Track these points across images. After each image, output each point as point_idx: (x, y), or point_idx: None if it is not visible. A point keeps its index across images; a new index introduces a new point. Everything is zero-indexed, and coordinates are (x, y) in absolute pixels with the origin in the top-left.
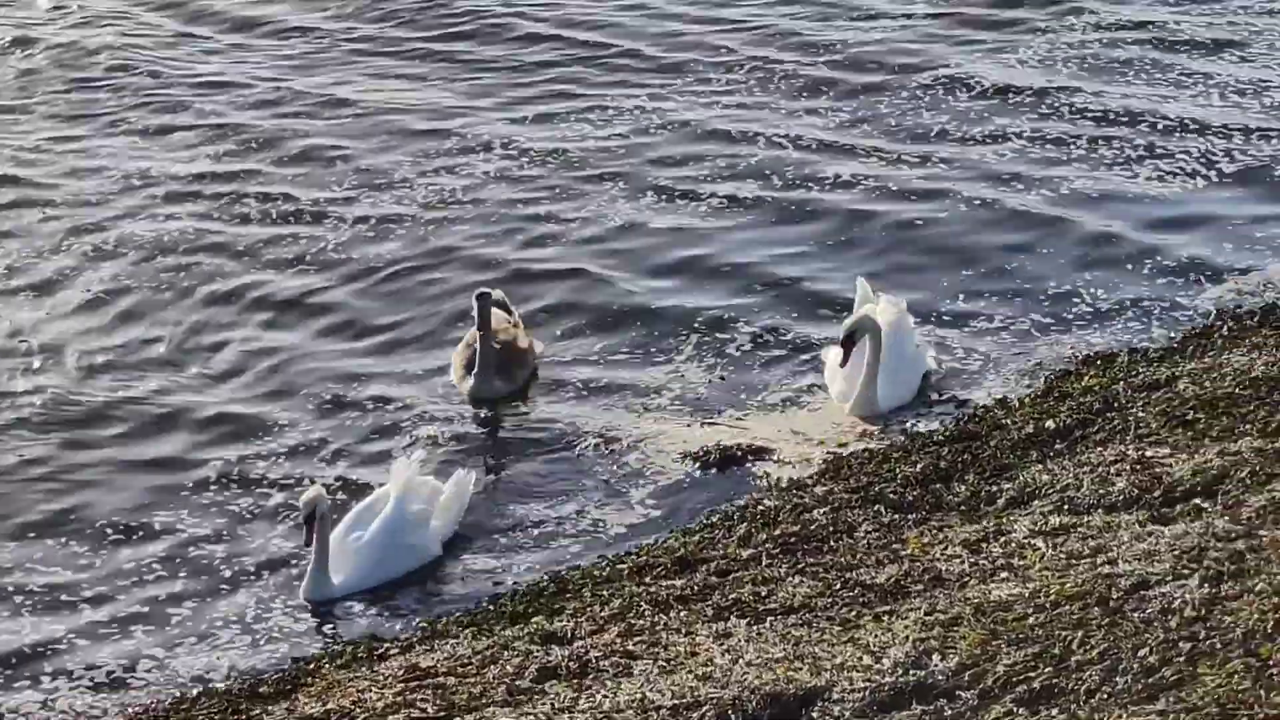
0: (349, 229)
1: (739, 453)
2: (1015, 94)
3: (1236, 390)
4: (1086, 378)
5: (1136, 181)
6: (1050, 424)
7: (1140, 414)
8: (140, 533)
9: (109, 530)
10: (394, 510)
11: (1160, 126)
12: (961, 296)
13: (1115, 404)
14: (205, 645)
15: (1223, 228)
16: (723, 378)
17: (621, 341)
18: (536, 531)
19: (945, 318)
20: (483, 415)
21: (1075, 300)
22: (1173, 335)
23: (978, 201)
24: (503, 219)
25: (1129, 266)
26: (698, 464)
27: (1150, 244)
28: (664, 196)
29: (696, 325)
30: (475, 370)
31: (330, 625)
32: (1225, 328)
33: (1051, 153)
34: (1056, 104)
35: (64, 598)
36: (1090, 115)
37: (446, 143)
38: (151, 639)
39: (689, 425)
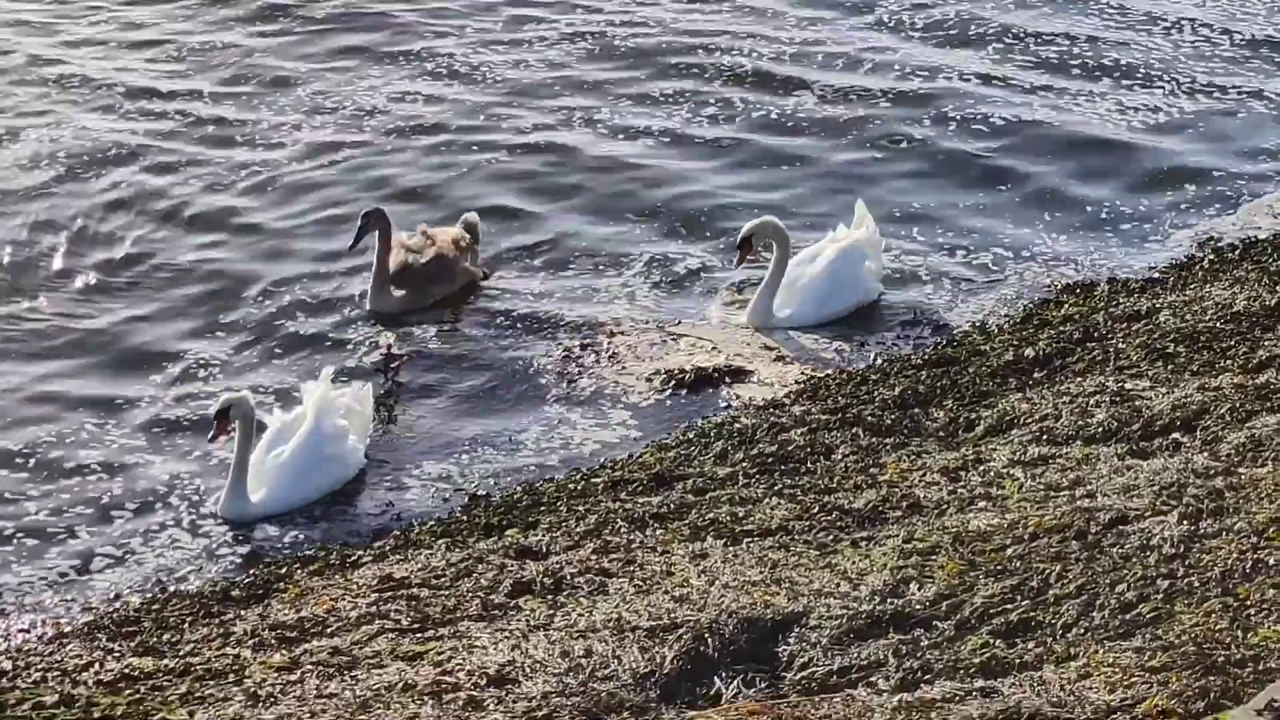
0: (284, 151)
1: (714, 372)
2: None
3: (1217, 325)
4: (1066, 306)
5: (1122, 110)
6: (1030, 352)
7: (1120, 345)
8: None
9: (40, 451)
10: (312, 426)
11: (1152, 54)
12: (941, 220)
13: (1095, 334)
14: (168, 548)
15: (1210, 157)
16: (678, 298)
17: (574, 271)
18: (506, 443)
19: (923, 240)
20: (425, 332)
21: (1056, 227)
22: (1153, 266)
23: (958, 123)
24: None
25: (1111, 194)
26: (671, 381)
27: (1134, 172)
28: (614, 127)
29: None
30: (370, 285)
31: (300, 530)
32: (1206, 260)
33: (1030, 77)
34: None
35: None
36: (1070, 39)
37: (402, 67)
38: (108, 542)
39: (658, 343)
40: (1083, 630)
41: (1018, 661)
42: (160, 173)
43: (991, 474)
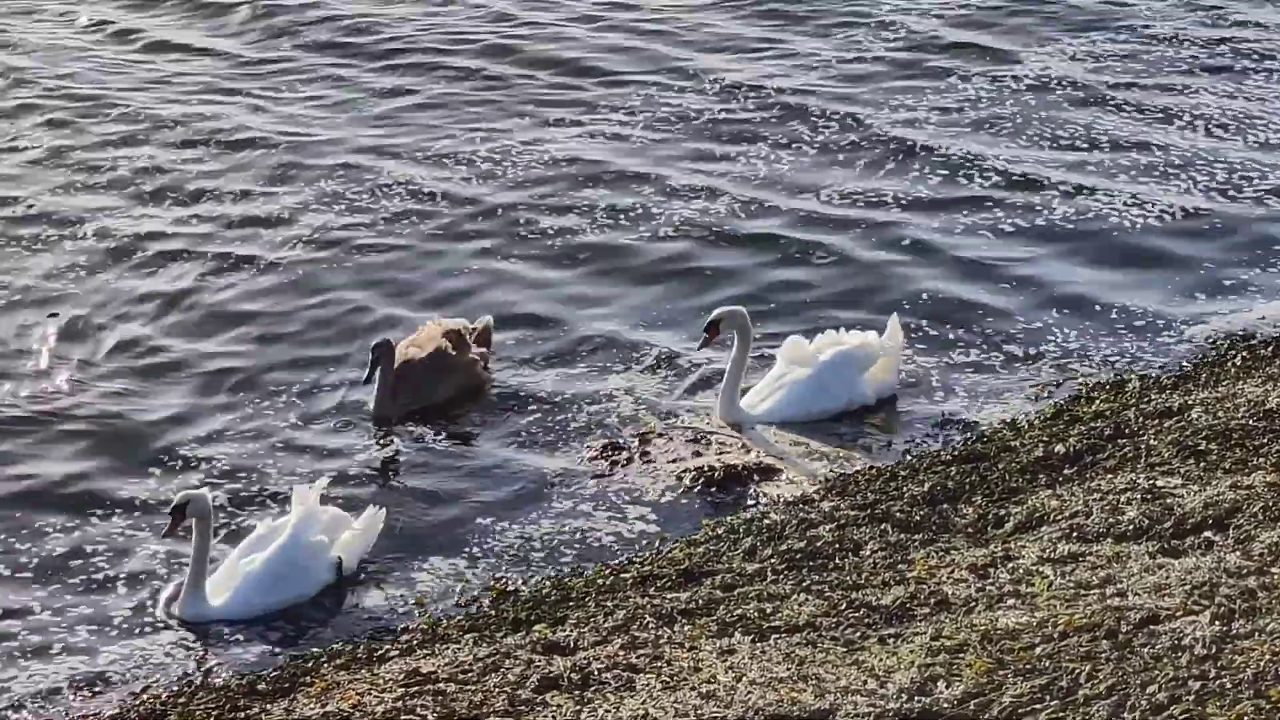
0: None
1: (743, 469)
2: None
3: (1250, 422)
4: (1097, 402)
5: (1153, 197)
6: (1060, 448)
7: (1152, 442)
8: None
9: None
10: (288, 538)
11: (1172, 152)
12: (969, 317)
13: (1126, 430)
14: (193, 641)
15: (1240, 253)
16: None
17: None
18: (537, 540)
19: (952, 336)
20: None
21: (1086, 323)
22: (1185, 362)
23: (979, 219)
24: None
25: (1141, 291)
26: (701, 479)
27: (1164, 270)
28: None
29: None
30: (375, 394)
31: (328, 624)
32: (1239, 357)
33: (1053, 174)
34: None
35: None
36: (1090, 136)
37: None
38: (132, 635)
39: (689, 441)
40: None
41: None
42: (169, 262)
43: (1021, 571)
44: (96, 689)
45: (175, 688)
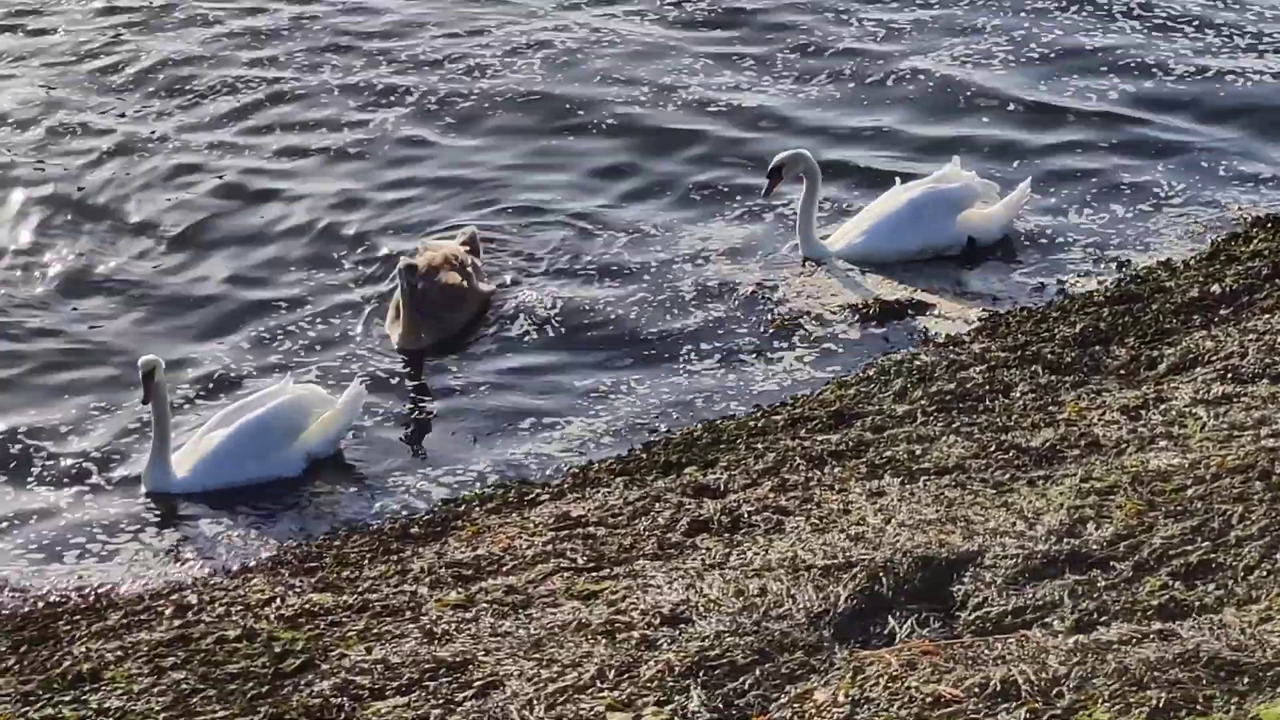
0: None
1: (897, 305)
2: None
3: None
4: (1255, 241)
5: None
6: (1215, 288)
7: None
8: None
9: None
10: (261, 415)
11: None
12: (1122, 158)
13: None
14: (345, 486)
15: None
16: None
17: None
18: (688, 381)
19: (1105, 180)
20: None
21: (1243, 161)
22: None
23: (1137, 65)
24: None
25: None
26: (856, 315)
27: None
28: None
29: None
30: (402, 326)
31: (479, 467)
32: None
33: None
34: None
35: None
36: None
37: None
38: (289, 482)
39: (840, 277)
40: (1265, 573)
41: (1197, 604)
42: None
43: (1173, 413)
44: (254, 535)
45: (329, 531)
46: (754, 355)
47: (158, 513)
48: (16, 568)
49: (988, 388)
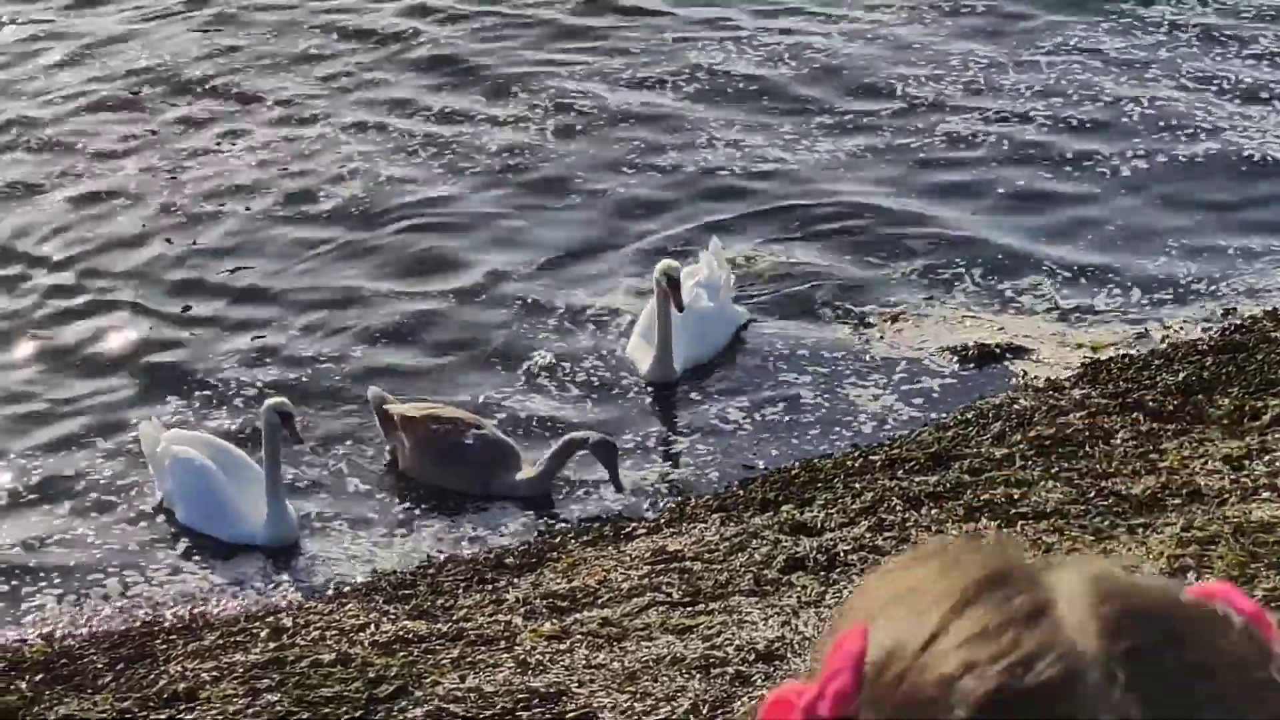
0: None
1: (996, 350)
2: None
3: None
4: None
5: None
6: None
7: None
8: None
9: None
10: None
11: None
12: (1227, 206)
13: None
14: (440, 517)
15: None
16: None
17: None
18: (786, 419)
19: (1210, 226)
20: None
21: None
22: None
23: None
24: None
25: None
26: (955, 359)
27: None
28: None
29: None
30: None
31: (576, 507)
32: None
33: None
34: None
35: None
36: None
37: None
38: (386, 509)
39: (941, 321)
40: None
41: None
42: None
43: (1277, 464)
44: (348, 561)
45: (424, 560)
46: (853, 396)
47: None
48: (112, 585)
49: (1088, 433)
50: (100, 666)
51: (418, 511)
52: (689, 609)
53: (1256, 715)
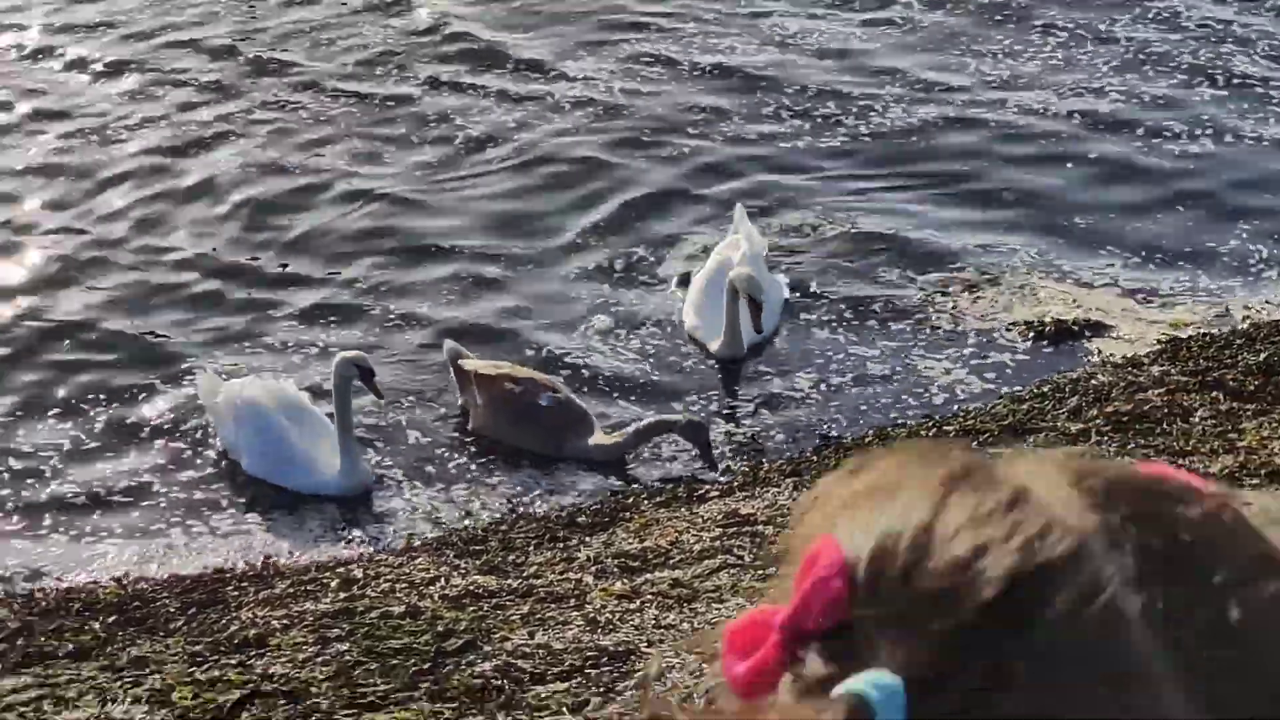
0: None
1: (1074, 325)
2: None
3: None
4: None
5: None
6: None
7: None
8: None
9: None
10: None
11: None
12: None
13: None
14: (516, 474)
15: None
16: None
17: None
18: (859, 389)
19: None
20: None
21: None
22: None
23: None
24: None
25: None
26: (1031, 333)
27: None
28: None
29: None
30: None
31: (648, 468)
32: None
33: None
34: None
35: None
36: None
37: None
38: (459, 466)
39: (1017, 292)
40: None
41: None
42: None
43: None
44: (420, 515)
45: (496, 516)
46: (925, 367)
47: None
48: (179, 533)
49: (1166, 411)
50: (172, 610)
51: (489, 468)
52: (759, 572)
53: (1262, 574)
